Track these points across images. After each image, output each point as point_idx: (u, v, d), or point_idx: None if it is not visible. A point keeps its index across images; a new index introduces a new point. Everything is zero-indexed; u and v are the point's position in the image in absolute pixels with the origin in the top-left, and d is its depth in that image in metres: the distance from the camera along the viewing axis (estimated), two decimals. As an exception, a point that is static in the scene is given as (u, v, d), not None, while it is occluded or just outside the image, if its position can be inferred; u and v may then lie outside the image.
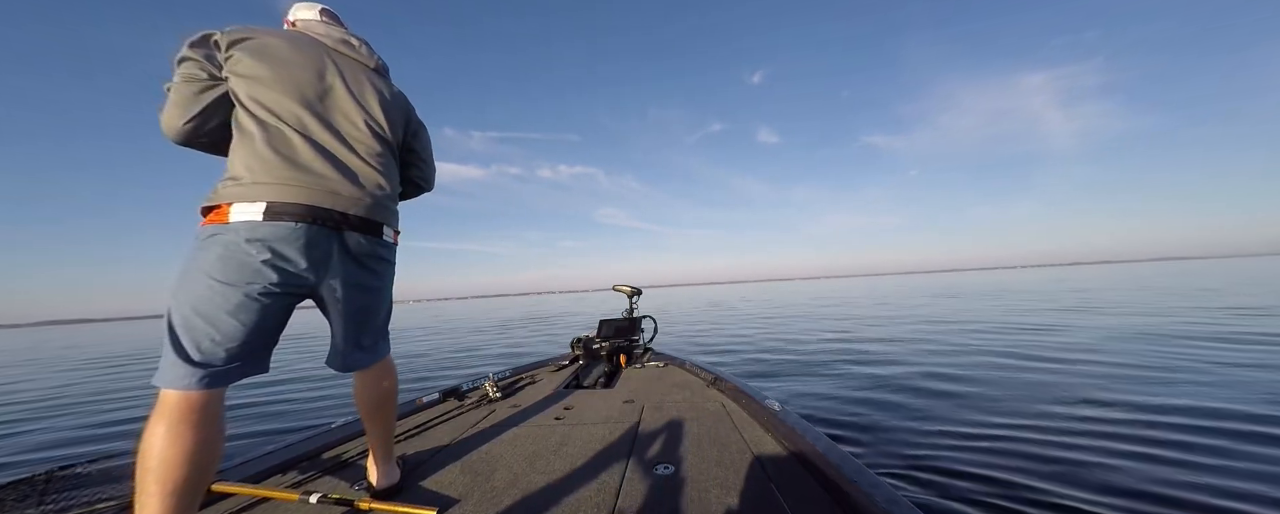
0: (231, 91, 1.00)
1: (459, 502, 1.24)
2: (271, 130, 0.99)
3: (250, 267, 0.93)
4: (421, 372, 6.10)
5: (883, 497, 1.09)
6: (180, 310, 0.91)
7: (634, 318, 3.55)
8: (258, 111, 0.99)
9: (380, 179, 1.15)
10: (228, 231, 0.93)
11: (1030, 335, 6.05)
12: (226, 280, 0.92)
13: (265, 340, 1.00)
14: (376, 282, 1.17)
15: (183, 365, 0.89)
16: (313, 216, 0.99)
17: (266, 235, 0.94)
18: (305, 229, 0.98)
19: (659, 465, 1.41)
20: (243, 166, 0.97)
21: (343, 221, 1.04)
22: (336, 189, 1.04)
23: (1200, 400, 2.95)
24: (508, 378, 2.76)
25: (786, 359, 5.30)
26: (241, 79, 1.00)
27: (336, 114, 1.11)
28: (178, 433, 0.87)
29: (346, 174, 1.07)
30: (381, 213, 1.14)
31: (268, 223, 0.94)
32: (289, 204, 0.96)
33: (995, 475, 2.09)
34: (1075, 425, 2.65)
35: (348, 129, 1.12)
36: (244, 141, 0.98)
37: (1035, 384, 3.59)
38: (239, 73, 1.00)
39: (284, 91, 1.02)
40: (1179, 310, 7.95)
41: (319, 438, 1.73)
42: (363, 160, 1.13)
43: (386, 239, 1.17)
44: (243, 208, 0.94)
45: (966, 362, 4.56)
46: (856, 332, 7.46)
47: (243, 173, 0.96)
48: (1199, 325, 6.09)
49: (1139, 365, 4.00)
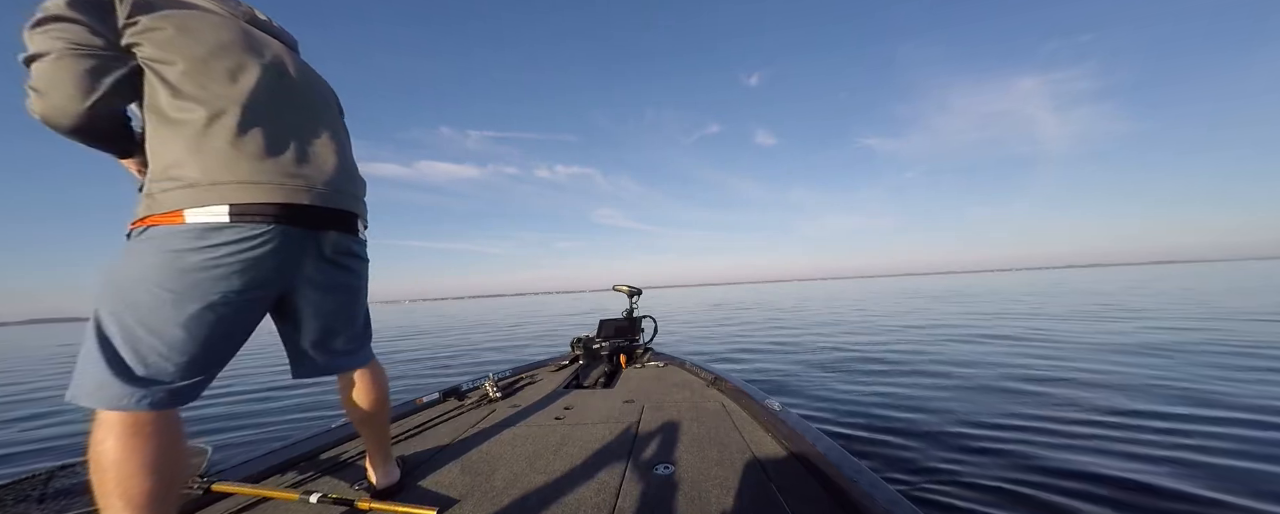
0: (147, 68, 0.82)
1: (459, 502, 1.24)
2: (218, 117, 0.83)
3: (212, 275, 0.81)
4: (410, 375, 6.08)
5: (883, 497, 1.09)
6: (118, 321, 0.79)
7: (634, 318, 3.55)
8: (195, 94, 0.83)
9: (350, 167, 1.04)
10: (182, 234, 0.80)
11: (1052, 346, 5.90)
12: (180, 290, 0.80)
13: (230, 352, 0.90)
14: (356, 281, 1.08)
15: (121, 384, 0.77)
16: (287, 216, 0.88)
17: (232, 238, 0.82)
18: (278, 231, 0.87)
19: (659, 465, 1.41)
20: (188, 162, 0.81)
21: (319, 219, 0.94)
22: (308, 183, 0.92)
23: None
24: (508, 378, 2.77)
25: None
26: (161, 53, 0.81)
27: (289, 96, 0.96)
28: (132, 446, 0.77)
29: (315, 165, 0.95)
30: (356, 205, 1.04)
31: (234, 226, 0.82)
32: (258, 204, 0.84)
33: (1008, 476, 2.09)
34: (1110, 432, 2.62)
35: (305, 112, 0.98)
36: (178, 132, 0.82)
37: (1052, 390, 3.59)
38: (157, 44, 0.81)
39: (222, 69, 0.86)
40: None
41: (319, 438, 1.73)
42: (328, 147, 1.00)
43: (361, 235, 1.07)
44: (202, 211, 0.80)
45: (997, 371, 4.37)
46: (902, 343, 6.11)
47: (191, 171, 0.81)
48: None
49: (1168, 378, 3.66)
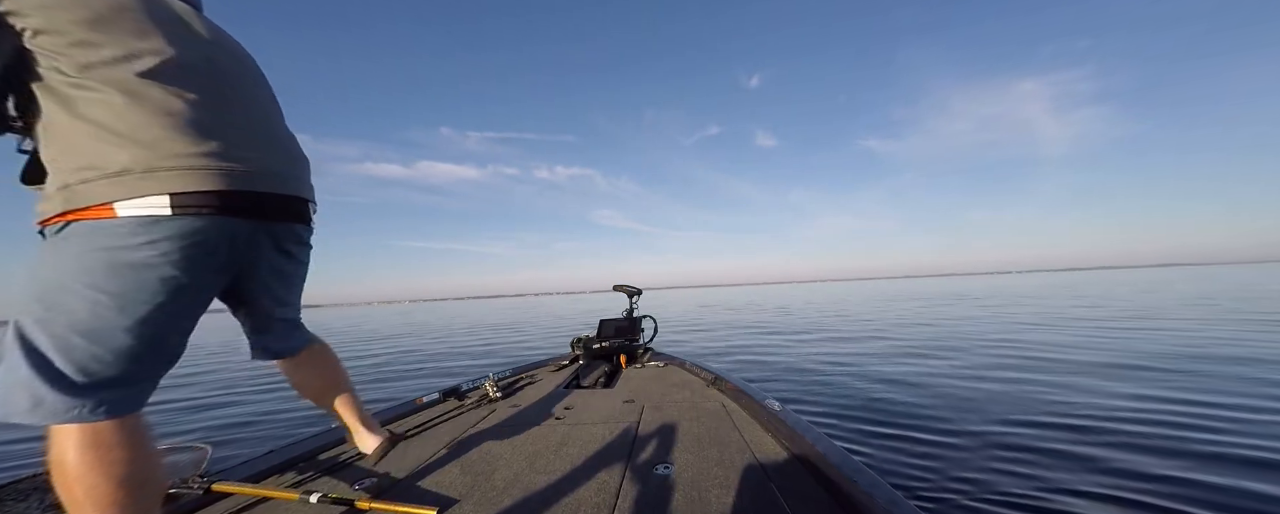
0: (30, 42, 0.69)
1: (459, 502, 1.24)
2: (136, 93, 0.72)
3: (156, 274, 0.74)
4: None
5: (883, 497, 1.09)
6: (47, 330, 0.70)
7: (634, 318, 3.56)
8: (100, 69, 0.71)
9: (292, 145, 0.96)
10: (115, 230, 0.71)
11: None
12: (120, 292, 0.72)
13: (180, 348, 0.84)
14: (302, 269, 1.05)
15: (63, 397, 0.70)
16: (235, 206, 0.80)
17: (175, 232, 0.74)
18: (224, 222, 0.79)
19: (659, 465, 1.41)
20: (110, 147, 0.71)
21: (270, 208, 0.87)
22: (253, 166, 0.83)
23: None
24: (508, 377, 2.77)
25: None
26: (46, 22, 0.68)
27: (210, 65, 0.84)
28: (94, 458, 0.71)
29: (257, 144, 0.86)
30: (306, 189, 0.97)
31: (177, 218, 0.74)
32: (202, 193, 0.75)
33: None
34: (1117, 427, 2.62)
35: (231, 83, 0.86)
36: (90, 112, 0.71)
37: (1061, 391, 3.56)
38: (39, 11, 0.68)
39: (125, 37, 0.73)
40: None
41: (319, 438, 1.73)
42: (266, 122, 0.91)
43: (312, 222, 1.02)
44: (138, 203, 0.71)
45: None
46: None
47: (117, 156, 0.71)
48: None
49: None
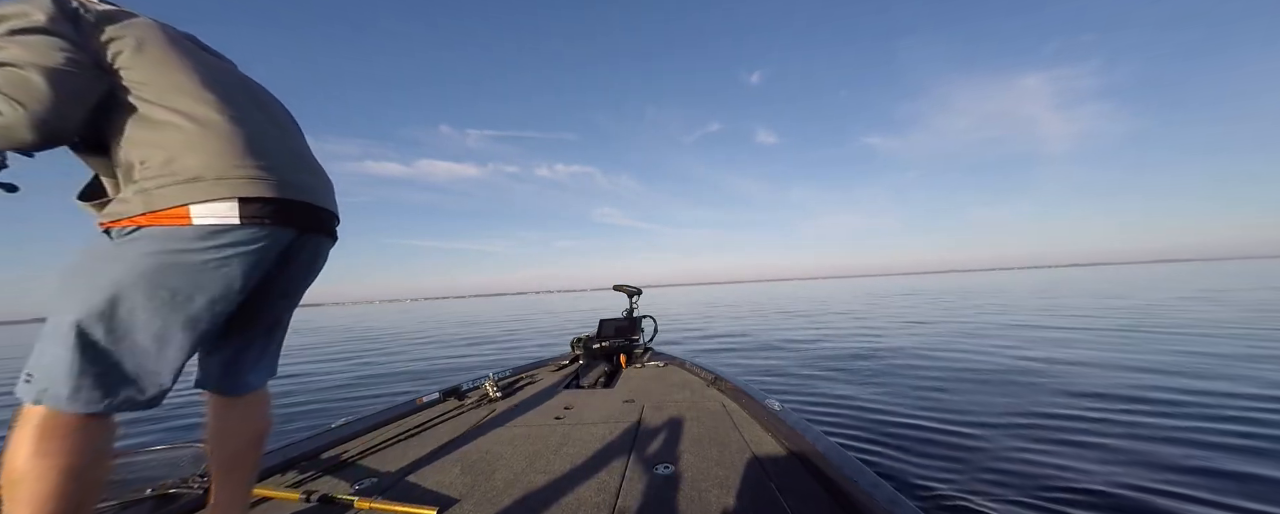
0: (117, 78, 0.80)
1: (459, 501, 1.24)
2: (201, 118, 0.82)
3: (218, 275, 0.80)
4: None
5: (883, 496, 1.09)
6: (106, 323, 0.74)
7: (634, 318, 3.55)
8: (171, 99, 0.81)
9: (323, 170, 1.03)
10: (186, 234, 0.78)
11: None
12: (180, 289, 0.78)
13: (200, 350, 0.89)
14: (309, 284, 1.05)
15: (101, 387, 0.73)
16: (291, 216, 0.87)
17: (239, 238, 0.80)
18: (281, 232, 0.86)
19: (659, 465, 1.41)
20: (185, 157, 0.79)
21: (315, 221, 0.93)
22: (303, 183, 0.91)
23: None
24: (508, 377, 2.77)
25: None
26: (129, 61, 0.81)
27: (255, 98, 0.95)
28: (53, 455, 0.70)
29: (303, 165, 0.95)
30: (335, 207, 1.02)
31: (244, 227, 0.80)
32: (264, 200, 0.83)
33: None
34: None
35: (273, 115, 0.97)
36: (165, 132, 0.80)
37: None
38: (124, 54, 0.81)
39: (189, 75, 0.85)
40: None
41: (319, 438, 1.73)
42: (304, 148, 1.01)
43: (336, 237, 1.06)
44: (209, 208, 0.78)
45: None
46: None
47: (191, 164, 0.79)
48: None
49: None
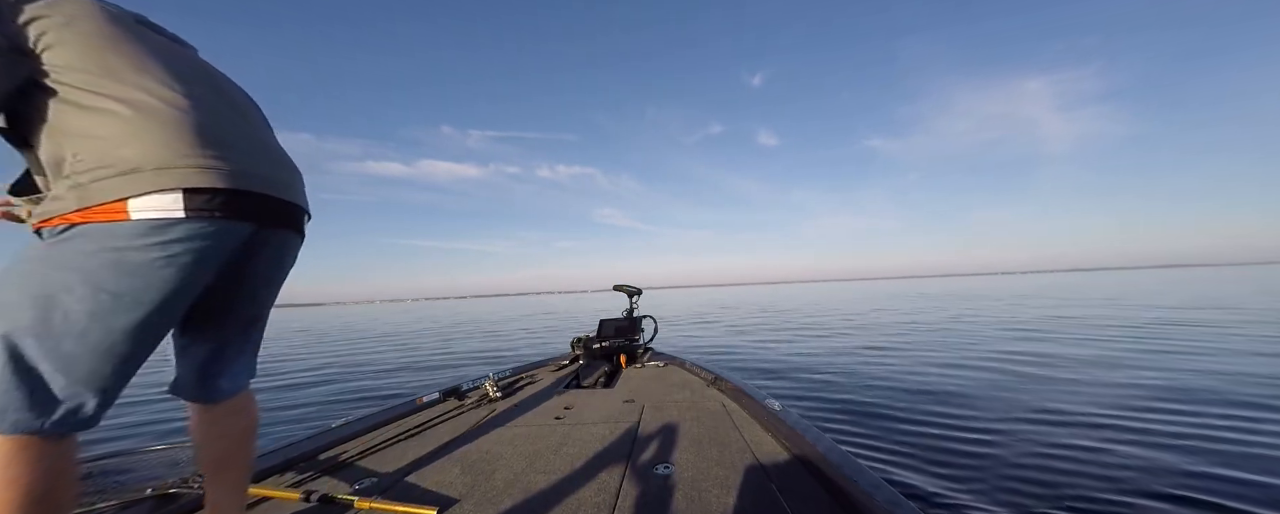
0: (43, 61, 0.71)
1: (459, 501, 1.24)
2: (143, 103, 0.73)
3: (161, 275, 0.72)
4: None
5: (883, 497, 1.09)
6: (37, 334, 0.67)
7: (634, 318, 3.55)
8: (106, 82, 0.72)
9: (289, 159, 0.96)
10: (125, 230, 0.70)
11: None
12: (122, 293, 0.70)
13: (147, 356, 0.79)
14: (282, 279, 0.99)
15: (34, 406, 0.66)
16: (244, 208, 0.79)
17: (185, 234, 0.73)
18: (232, 226, 0.78)
19: (659, 465, 1.41)
20: (123, 146, 0.71)
21: (275, 214, 0.86)
22: (261, 173, 0.83)
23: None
24: (508, 377, 2.77)
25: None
26: (55, 39, 0.71)
27: (210, 81, 0.87)
28: (19, 471, 0.65)
29: (262, 153, 0.86)
30: (303, 199, 0.95)
31: (190, 221, 0.72)
32: (212, 191, 0.74)
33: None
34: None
35: (229, 99, 0.88)
36: (101, 119, 0.71)
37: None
38: (50, 32, 0.71)
39: (130, 55, 0.76)
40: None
41: (319, 438, 1.73)
42: (266, 133, 0.93)
43: (304, 233, 0.99)
44: (150, 201, 0.70)
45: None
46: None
47: (129, 153, 0.71)
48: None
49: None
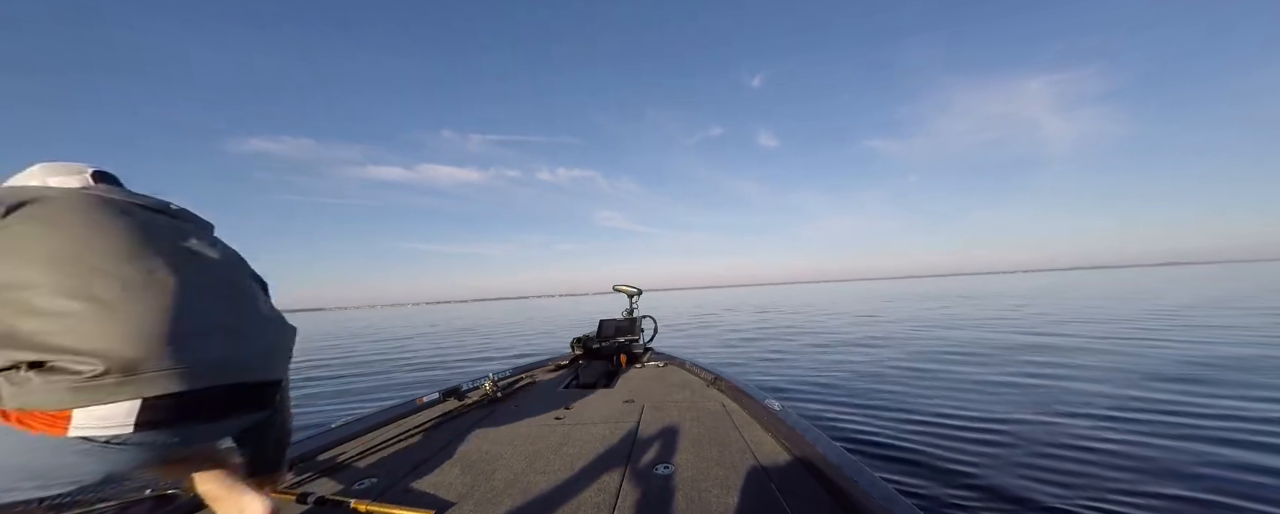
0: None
1: (459, 502, 1.24)
2: (110, 300, 0.65)
3: (95, 471, 0.67)
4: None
5: (882, 496, 1.09)
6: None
7: (634, 318, 3.56)
8: (70, 275, 0.64)
9: (276, 324, 0.88)
10: (69, 443, 0.62)
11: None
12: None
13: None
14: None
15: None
16: (203, 407, 0.71)
17: (143, 441, 0.66)
18: (185, 429, 0.71)
19: (659, 465, 1.41)
20: (80, 346, 0.62)
21: (242, 398, 0.79)
22: (230, 356, 0.75)
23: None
24: (508, 377, 2.76)
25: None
26: (33, 238, 0.65)
27: (176, 252, 0.78)
28: None
29: (238, 328, 0.79)
30: (281, 368, 0.87)
31: (145, 430, 0.65)
32: (171, 397, 0.66)
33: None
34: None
35: (207, 272, 0.80)
36: (54, 320, 0.62)
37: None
38: (28, 231, 0.66)
39: (92, 246, 0.68)
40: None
41: (318, 438, 1.72)
42: (250, 304, 0.85)
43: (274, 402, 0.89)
44: (100, 413, 0.62)
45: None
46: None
47: (82, 358, 0.61)
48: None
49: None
